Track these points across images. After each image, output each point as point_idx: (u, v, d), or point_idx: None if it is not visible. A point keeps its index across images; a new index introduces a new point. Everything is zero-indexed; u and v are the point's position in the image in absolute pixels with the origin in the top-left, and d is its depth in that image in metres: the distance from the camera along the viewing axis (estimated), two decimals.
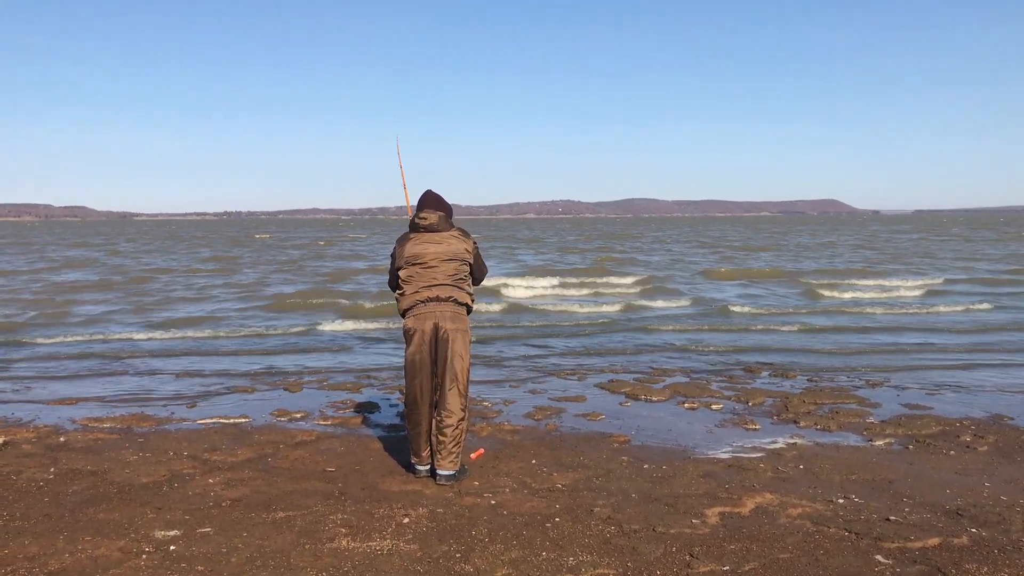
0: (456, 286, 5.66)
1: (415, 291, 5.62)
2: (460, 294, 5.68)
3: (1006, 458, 6.32)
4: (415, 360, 5.63)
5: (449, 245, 5.65)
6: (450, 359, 5.61)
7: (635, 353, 11.94)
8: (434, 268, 5.61)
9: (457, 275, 5.67)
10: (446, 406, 5.63)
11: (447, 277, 5.62)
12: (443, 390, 5.65)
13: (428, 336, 5.59)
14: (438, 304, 5.59)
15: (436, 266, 5.61)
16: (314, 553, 4.37)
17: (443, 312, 5.59)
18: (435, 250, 5.63)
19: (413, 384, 5.68)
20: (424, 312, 5.58)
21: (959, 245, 48.88)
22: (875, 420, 7.54)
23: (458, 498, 5.30)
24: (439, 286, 5.60)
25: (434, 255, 5.62)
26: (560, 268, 30.57)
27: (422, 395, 5.68)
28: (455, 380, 5.63)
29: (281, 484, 5.61)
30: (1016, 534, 4.67)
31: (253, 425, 7.35)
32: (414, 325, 5.61)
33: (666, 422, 7.50)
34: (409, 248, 5.66)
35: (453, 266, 5.65)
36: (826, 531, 4.70)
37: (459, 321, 5.66)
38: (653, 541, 4.54)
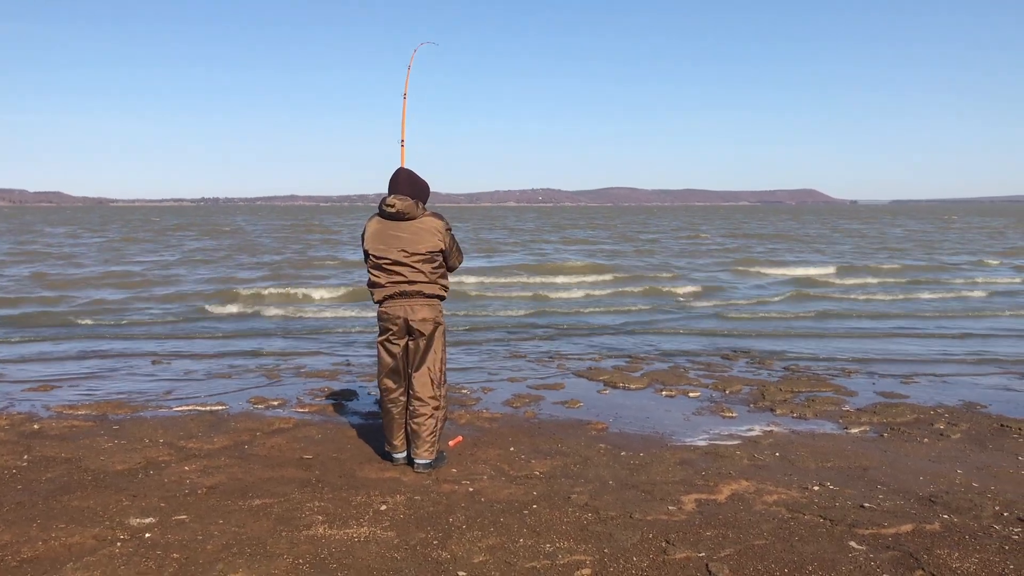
0: (428, 279, 5.47)
1: (385, 284, 5.47)
2: (432, 287, 5.49)
3: (978, 445, 6.40)
4: (387, 350, 5.60)
5: (419, 236, 5.39)
6: (422, 349, 5.55)
7: (616, 337, 11.98)
8: (402, 264, 5.39)
9: (429, 267, 5.44)
10: (418, 396, 5.57)
11: (416, 273, 5.41)
12: (416, 380, 5.60)
13: (400, 326, 5.52)
14: (408, 299, 5.47)
15: (404, 262, 5.38)
16: (291, 540, 4.35)
17: (414, 304, 5.47)
18: (403, 244, 5.37)
19: (385, 373, 5.65)
20: (396, 304, 5.50)
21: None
22: (851, 408, 7.60)
23: (436, 485, 5.30)
24: (409, 282, 5.43)
25: (402, 249, 5.37)
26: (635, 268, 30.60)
27: (396, 384, 5.66)
28: (428, 370, 5.58)
29: (258, 471, 5.58)
30: (987, 520, 4.73)
31: (230, 413, 7.31)
32: (384, 315, 5.54)
33: (644, 410, 7.53)
34: (375, 238, 5.44)
35: (424, 258, 5.41)
36: (801, 518, 4.74)
37: (432, 311, 5.53)
38: (630, 528, 4.56)
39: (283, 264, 26.70)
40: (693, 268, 25.91)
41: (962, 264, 27.34)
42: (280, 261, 28.09)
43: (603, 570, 4.04)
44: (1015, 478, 5.57)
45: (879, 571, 4.00)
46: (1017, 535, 4.49)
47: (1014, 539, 4.43)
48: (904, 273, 23.70)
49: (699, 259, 30.13)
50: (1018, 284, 21.03)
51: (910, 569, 4.03)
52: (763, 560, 4.14)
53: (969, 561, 4.10)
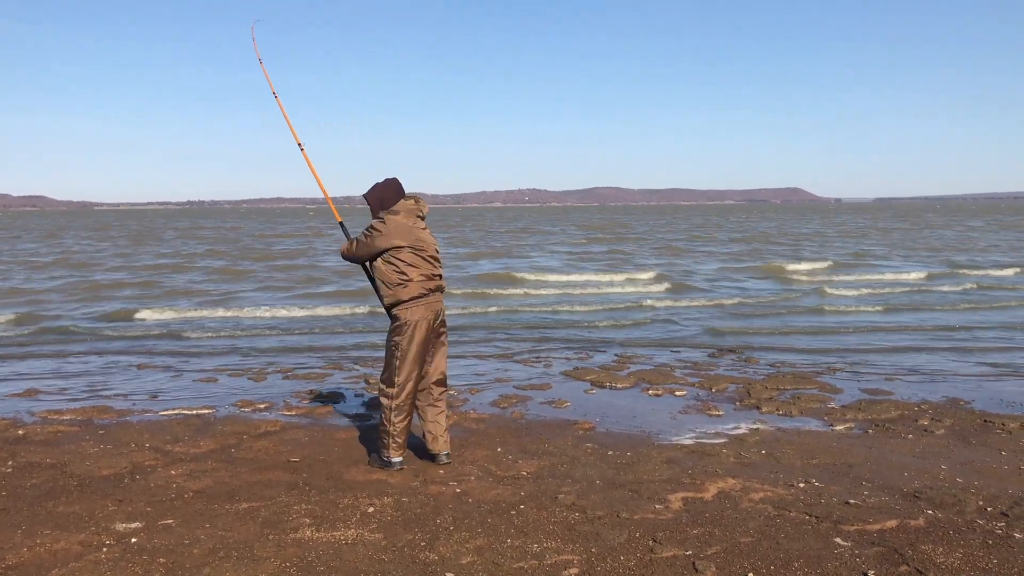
0: (443, 276, 5.76)
1: (425, 279, 5.53)
2: (445, 284, 5.81)
3: (962, 441, 6.44)
4: (418, 350, 5.56)
5: (433, 238, 5.71)
6: (443, 344, 5.77)
7: (599, 341, 12.00)
8: (435, 258, 5.64)
9: (440, 266, 5.74)
10: (441, 390, 5.79)
11: (440, 268, 5.69)
12: (438, 375, 5.75)
13: (431, 325, 5.59)
14: (440, 294, 5.68)
15: (436, 257, 5.65)
16: (278, 543, 4.34)
17: (440, 301, 5.70)
18: (432, 240, 5.68)
19: (411, 373, 5.58)
20: (429, 301, 5.57)
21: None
22: (836, 405, 7.64)
23: (423, 487, 5.30)
24: (436, 276, 5.63)
25: (433, 244, 5.66)
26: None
27: (416, 385, 5.65)
28: (446, 364, 5.86)
29: (244, 475, 5.56)
30: (971, 515, 4.76)
31: (216, 416, 7.28)
32: (419, 315, 5.51)
33: (630, 409, 7.55)
34: (411, 231, 5.51)
35: (438, 257, 5.71)
36: (787, 515, 4.77)
37: (444, 308, 5.82)
38: (617, 527, 4.57)
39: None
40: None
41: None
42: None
43: (590, 569, 4.05)
44: (998, 473, 5.62)
45: (864, 567, 4.03)
46: (1000, 529, 4.52)
47: (997, 533, 4.47)
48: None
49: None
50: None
51: (895, 564, 4.05)
52: (749, 558, 4.16)
53: (953, 556, 4.13)
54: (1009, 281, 21.03)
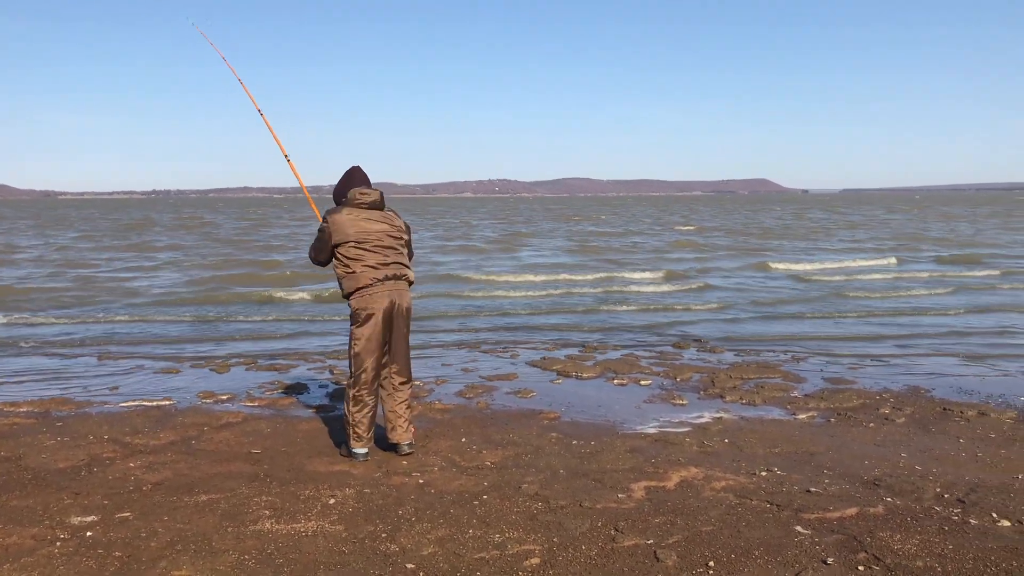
0: (405, 264, 5.67)
1: (371, 269, 5.49)
2: (408, 271, 5.70)
3: (922, 429, 6.52)
4: (371, 340, 5.53)
5: (392, 223, 5.62)
6: (404, 335, 5.67)
7: (567, 330, 12.02)
8: (385, 246, 5.54)
9: (403, 253, 5.67)
10: (403, 377, 5.72)
11: (397, 255, 5.60)
12: (401, 365, 5.69)
13: (385, 315, 5.52)
14: (394, 282, 5.56)
15: (387, 244, 5.55)
16: (237, 536, 4.29)
17: (398, 290, 5.58)
18: (383, 228, 5.56)
19: (367, 364, 5.57)
20: (380, 291, 5.50)
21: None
22: (799, 394, 7.71)
23: (386, 478, 5.26)
24: (393, 264, 5.56)
25: (383, 233, 5.55)
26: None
27: (375, 375, 5.62)
28: (407, 354, 5.76)
29: (205, 467, 5.49)
30: (928, 502, 4.82)
31: (178, 407, 7.19)
32: (370, 304, 5.49)
33: (596, 398, 7.56)
34: (354, 223, 5.49)
35: (399, 244, 5.63)
36: (748, 503, 4.79)
37: (408, 297, 5.71)
38: (579, 516, 4.57)
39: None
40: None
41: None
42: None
43: (552, 559, 4.04)
44: (956, 460, 5.69)
45: (824, 555, 4.05)
46: (956, 516, 4.58)
47: (953, 520, 4.52)
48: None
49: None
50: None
51: (853, 552, 4.09)
52: (710, 546, 4.17)
53: (910, 543, 4.17)
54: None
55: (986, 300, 15.39)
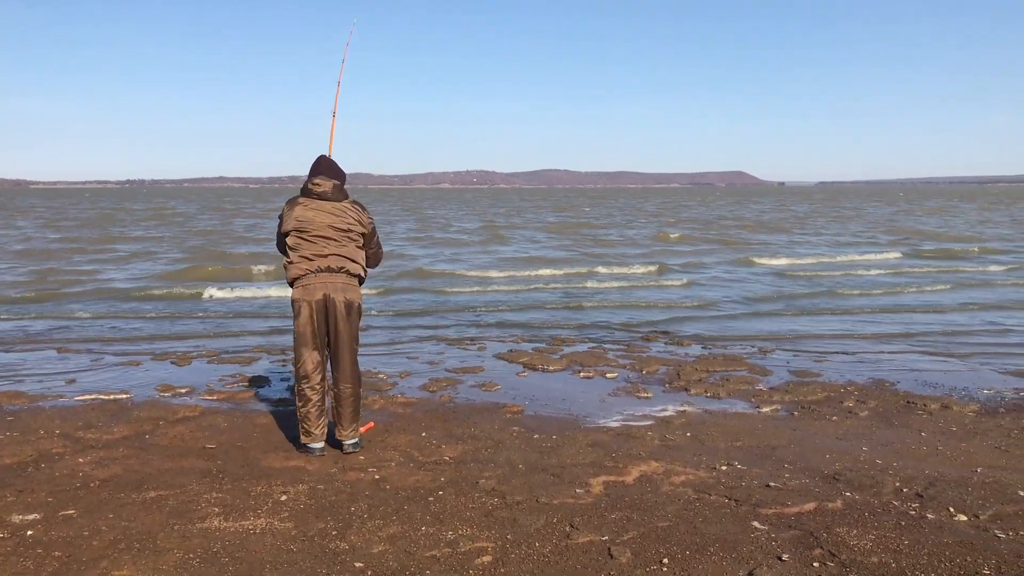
0: (349, 257, 5.48)
1: (305, 260, 5.41)
2: (352, 265, 5.50)
3: (884, 422, 6.51)
4: (305, 332, 5.44)
5: (342, 216, 5.44)
6: (342, 330, 5.47)
7: (539, 327, 11.95)
8: (325, 238, 5.40)
9: (349, 246, 5.48)
10: (343, 375, 5.54)
11: (339, 247, 5.43)
12: (338, 360, 5.54)
13: (318, 307, 5.40)
14: (329, 275, 5.40)
15: (328, 236, 5.41)
16: (183, 534, 4.18)
17: (334, 283, 5.41)
18: (327, 220, 5.40)
19: (303, 357, 5.49)
20: (313, 283, 5.39)
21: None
22: (764, 387, 7.68)
23: (341, 473, 5.17)
24: (331, 256, 5.40)
25: (325, 224, 5.40)
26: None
27: (314, 368, 5.50)
28: (350, 351, 5.54)
29: (157, 463, 5.37)
30: (887, 496, 4.79)
31: (134, 401, 7.05)
32: (303, 296, 5.42)
33: (561, 392, 7.49)
34: (299, 213, 5.42)
35: (346, 237, 5.45)
36: (707, 498, 4.74)
37: (350, 292, 5.50)
38: (535, 512, 4.50)
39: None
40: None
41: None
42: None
43: (504, 556, 3.97)
44: (917, 454, 5.68)
45: (779, 550, 4.01)
46: (914, 511, 4.55)
47: (911, 515, 4.49)
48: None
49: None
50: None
51: (809, 548, 4.04)
52: (665, 543, 4.11)
53: (866, 539, 4.14)
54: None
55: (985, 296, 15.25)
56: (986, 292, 15.90)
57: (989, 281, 17.63)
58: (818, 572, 3.79)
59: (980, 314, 12.98)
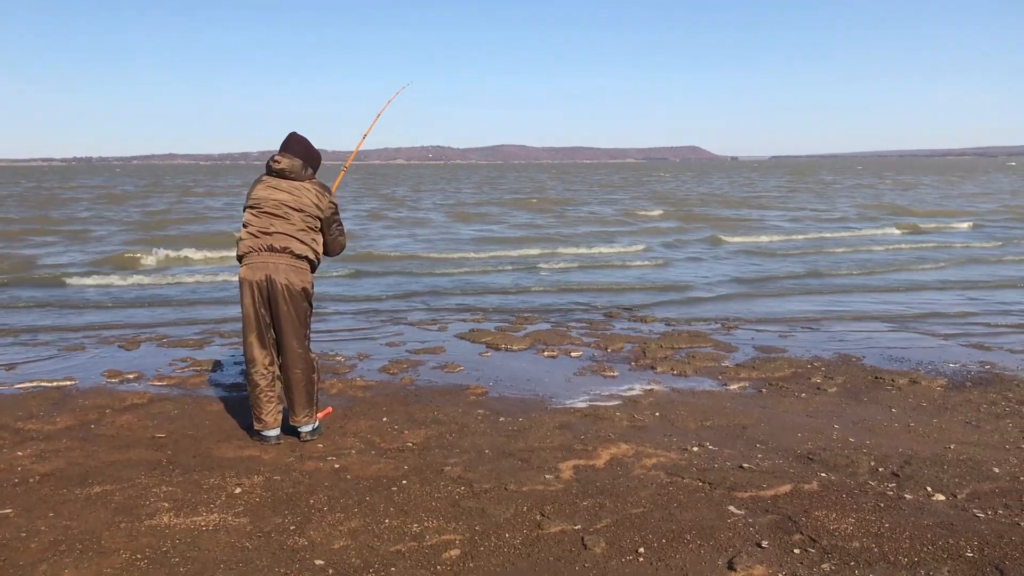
0: (297, 237, 5.15)
1: (251, 236, 5.14)
2: (300, 246, 5.16)
3: (854, 399, 6.42)
4: (248, 314, 5.17)
5: (299, 196, 5.14)
6: (283, 314, 5.15)
7: (500, 307, 11.75)
8: (275, 216, 5.12)
9: (300, 227, 5.16)
10: (289, 360, 5.25)
11: (286, 225, 5.13)
12: (283, 345, 5.25)
13: (261, 288, 5.11)
14: (271, 254, 5.11)
15: (278, 214, 5.12)
16: (130, 532, 3.93)
17: (276, 263, 5.10)
18: (281, 197, 5.12)
19: (248, 340, 5.23)
20: (255, 261, 5.11)
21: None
22: (730, 364, 7.56)
23: (299, 463, 4.93)
24: (277, 235, 5.11)
25: (278, 202, 5.12)
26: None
27: (260, 353, 5.23)
28: (297, 335, 5.23)
29: (102, 455, 5.08)
30: (863, 476, 4.68)
31: (79, 388, 6.72)
32: (245, 275, 5.14)
33: (525, 372, 7.31)
34: (256, 190, 5.18)
35: (298, 217, 5.14)
36: (680, 482, 4.59)
37: (297, 274, 5.17)
38: (504, 501, 4.31)
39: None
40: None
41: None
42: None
43: (473, 550, 3.78)
44: (889, 431, 5.59)
45: (758, 537, 3.87)
46: (891, 491, 4.45)
47: (888, 495, 4.39)
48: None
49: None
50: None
51: (788, 533, 3.91)
52: (640, 530, 3.95)
53: (846, 522, 4.02)
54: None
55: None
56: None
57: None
58: (799, 559, 3.66)
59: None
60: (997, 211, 30.91)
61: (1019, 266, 15.65)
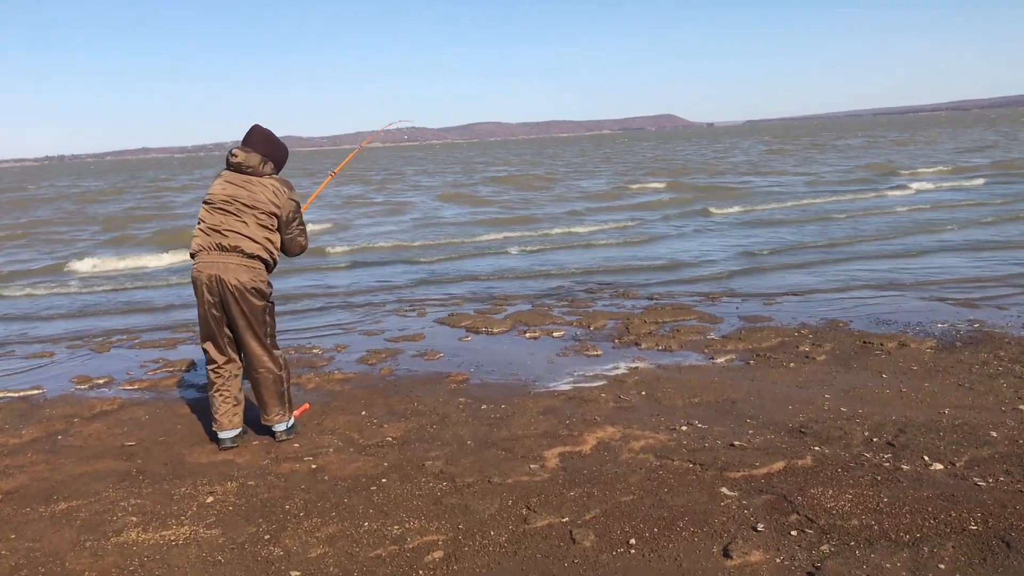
0: (248, 236, 4.84)
1: (202, 233, 4.89)
2: (251, 245, 4.85)
3: (843, 366, 6.28)
4: (201, 314, 4.95)
5: (254, 192, 4.85)
6: (236, 314, 4.89)
7: (479, 292, 11.55)
8: (228, 213, 4.84)
9: (253, 225, 4.85)
10: (252, 361, 5.03)
11: (238, 223, 4.83)
12: (242, 346, 5.02)
13: (211, 288, 4.84)
14: (220, 253, 4.84)
15: (230, 211, 4.84)
16: (95, 552, 3.73)
17: (227, 263, 4.83)
18: (235, 192, 4.84)
19: (204, 340, 5.03)
20: (204, 260, 4.86)
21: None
22: (716, 336, 7.41)
23: (274, 465, 4.74)
24: (227, 232, 4.82)
25: (231, 197, 4.83)
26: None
27: (216, 352, 5.01)
28: (253, 335, 4.97)
29: (69, 467, 4.88)
30: (857, 448, 4.54)
31: (47, 397, 6.49)
32: (196, 275, 4.90)
33: (507, 355, 7.12)
34: (213, 185, 4.95)
35: (251, 214, 4.84)
36: (670, 465, 4.43)
37: (244, 273, 4.85)
38: (488, 495, 4.14)
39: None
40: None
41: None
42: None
43: (457, 551, 3.60)
44: (881, 398, 5.45)
45: (753, 520, 3.72)
46: (888, 462, 4.31)
47: (885, 467, 4.25)
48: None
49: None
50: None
51: (784, 514, 3.76)
52: (631, 520, 3.79)
53: (843, 499, 3.87)
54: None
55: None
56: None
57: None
58: (797, 541, 3.51)
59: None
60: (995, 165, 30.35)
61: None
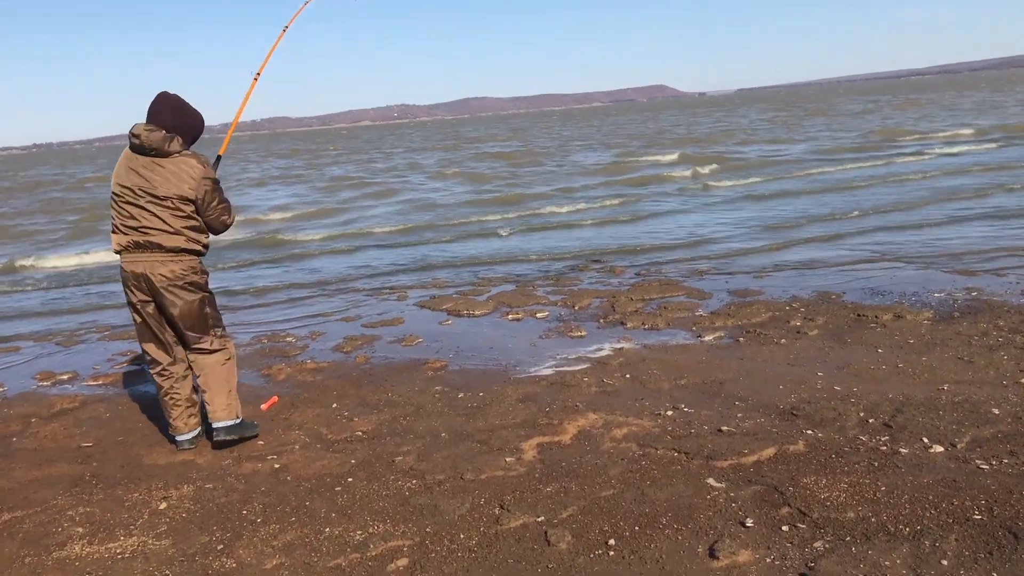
0: (165, 230, 4.39)
1: (119, 232, 4.45)
2: (171, 239, 4.41)
3: (837, 341, 6.01)
4: (135, 315, 4.60)
5: (162, 179, 4.32)
6: (172, 306, 4.49)
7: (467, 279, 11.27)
8: (136, 206, 4.35)
9: (168, 217, 4.37)
10: (194, 354, 4.66)
11: (153, 219, 4.36)
12: (184, 340, 4.64)
13: (139, 287, 4.48)
14: (140, 252, 4.43)
15: (139, 204, 4.35)
16: (33, 568, 3.46)
17: (152, 260, 4.42)
18: (140, 183, 4.33)
19: (142, 342, 4.69)
20: (129, 260, 4.47)
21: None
22: (704, 312, 7.14)
23: (235, 465, 4.47)
24: (143, 229, 4.38)
25: (136, 189, 4.33)
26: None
27: (157, 352, 4.66)
28: (191, 327, 4.57)
29: (19, 473, 4.60)
30: (853, 431, 4.28)
31: (7, 395, 6.20)
32: (123, 273, 4.52)
33: (488, 339, 6.84)
34: (116, 172, 4.43)
35: (162, 207, 4.35)
36: (654, 454, 4.17)
37: (175, 265, 4.46)
38: (459, 494, 3.87)
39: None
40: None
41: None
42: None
43: (423, 557, 3.34)
44: (876, 375, 5.18)
45: (742, 514, 3.46)
46: (885, 445, 4.05)
47: (882, 451, 3.99)
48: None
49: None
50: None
51: (775, 507, 3.50)
52: (610, 517, 3.53)
53: (838, 488, 3.61)
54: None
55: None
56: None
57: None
58: (788, 538, 3.25)
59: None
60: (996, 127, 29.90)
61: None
